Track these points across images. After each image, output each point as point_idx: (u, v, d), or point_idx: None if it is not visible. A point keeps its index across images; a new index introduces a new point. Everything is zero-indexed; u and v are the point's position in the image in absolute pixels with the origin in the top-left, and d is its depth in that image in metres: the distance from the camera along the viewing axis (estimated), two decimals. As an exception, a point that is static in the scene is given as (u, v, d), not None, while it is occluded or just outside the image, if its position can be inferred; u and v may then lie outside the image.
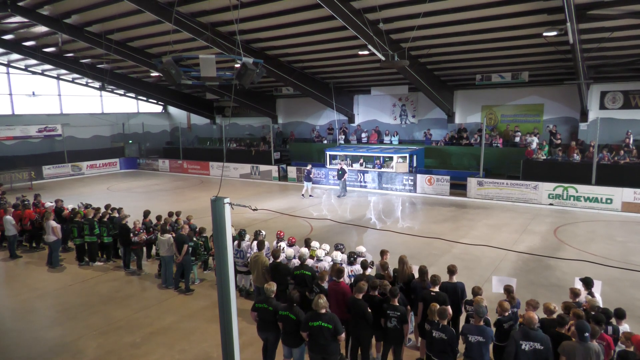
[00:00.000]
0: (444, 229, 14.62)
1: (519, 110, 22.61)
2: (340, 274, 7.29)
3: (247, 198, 19.98)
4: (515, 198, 18.43)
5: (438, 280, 6.94)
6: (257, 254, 8.97)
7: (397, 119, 26.29)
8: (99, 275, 11.54)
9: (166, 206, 16.49)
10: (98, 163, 30.79)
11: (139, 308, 9.66)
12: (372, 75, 23.80)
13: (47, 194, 21.70)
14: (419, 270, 7.44)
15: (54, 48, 24.00)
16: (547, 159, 19.33)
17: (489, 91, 22.93)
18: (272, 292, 6.74)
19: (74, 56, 25.43)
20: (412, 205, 18.74)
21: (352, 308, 6.75)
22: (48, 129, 29.30)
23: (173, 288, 10.50)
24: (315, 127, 29.25)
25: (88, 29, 20.08)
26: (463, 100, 23.97)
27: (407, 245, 12.62)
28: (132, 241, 11.45)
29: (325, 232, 14.31)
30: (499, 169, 20.97)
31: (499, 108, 23.09)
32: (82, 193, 22.56)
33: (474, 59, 19.44)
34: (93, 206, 13.74)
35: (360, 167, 22.73)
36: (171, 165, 30.68)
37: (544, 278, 10.51)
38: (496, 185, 18.89)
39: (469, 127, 23.60)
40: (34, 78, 29.22)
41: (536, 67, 19.85)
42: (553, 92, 21.52)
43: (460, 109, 24.09)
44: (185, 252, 10.16)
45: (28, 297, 10.34)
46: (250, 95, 28.97)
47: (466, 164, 22.26)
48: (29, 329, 8.81)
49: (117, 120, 33.96)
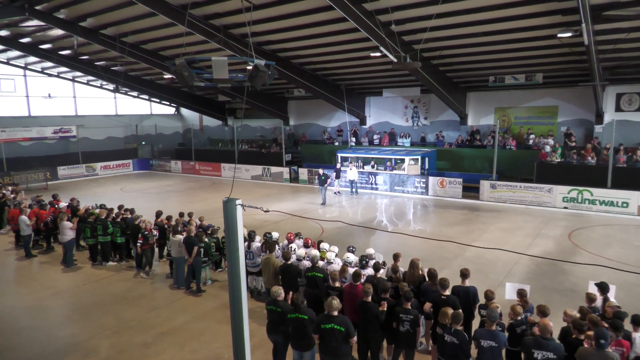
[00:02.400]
0: (456, 232, 14.53)
1: (532, 113, 22.39)
2: (358, 277, 7.27)
3: (258, 199, 20.05)
4: (528, 201, 18.23)
5: (447, 284, 6.88)
6: (267, 256, 8.98)
7: (409, 120, 26.19)
8: (111, 275, 11.66)
9: (178, 207, 16.61)
10: (112, 164, 31.16)
11: (150, 308, 9.74)
12: (383, 76, 23.74)
13: (61, 194, 21.94)
14: (428, 273, 7.39)
15: (70, 51, 24.36)
16: (562, 162, 19.10)
17: (502, 93, 22.74)
18: (279, 294, 6.75)
19: (89, 59, 25.79)
20: (424, 208, 18.65)
21: (361, 311, 6.72)
22: (63, 130, 29.71)
23: (184, 289, 10.56)
24: (326, 128, 29.26)
25: (103, 31, 20.36)
26: (476, 102, 23.81)
27: (419, 248, 12.56)
28: (142, 242, 11.47)
29: (337, 234, 14.31)
30: (512, 171, 20.77)
31: (513, 110, 22.89)
32: (96, 193, 22.85)
33: (487, 60, 19.29)
34: (107, 206, 13.89)
35: (372, 169, 22.68)
36: (183, 166, 30.91)
37: (558, 283, 10.37)
38: (509, 188, 18.72)
39: (482, 129, 23.42)
40: (50, 80, 29.67)
41: (550, 69, 19.63)
42: (568, 93, 21.26)
43: (473, 111, 23.93)
44: (195, 253, 10.22)
45: (42, 295, 10.49)
46: (262, 97, 29.09)
47: (479, 166, 22.09)
48: (43, 327, 8.94)
49: (130, 121, 34.35)
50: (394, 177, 21.57)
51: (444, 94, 21.51)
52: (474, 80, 22.48)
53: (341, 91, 25.26)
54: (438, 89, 20.94)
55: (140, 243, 11.40)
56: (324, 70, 23.56)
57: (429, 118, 25.51)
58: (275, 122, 31.72)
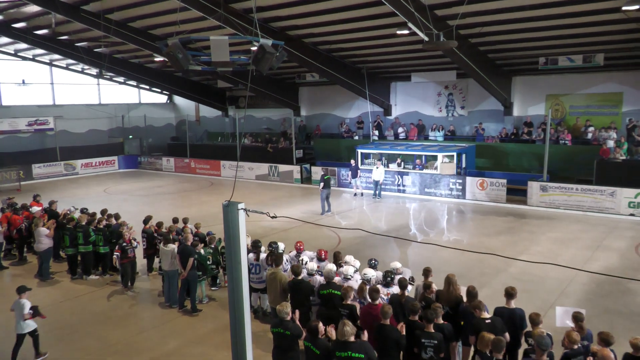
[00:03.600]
0: (499, 244, 14.42)
1: (592, 101, 22.10)
2: (376, 294, 7.24)
3: (264, 203, 20.12)
4: (586, 207, 18.01)
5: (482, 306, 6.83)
6: (273, 270, 8.99)
7: (443, 110, 26.02)
8: (93, 291, 11.80)
9: (171, 212, 16.76)
10: (94, 161, 31.60)
11: (139, 330, 9.83)
12: (412, 59, 23.63)
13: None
14: (467, 292, 7.32)
15: (47, 30, 24.78)
16: (627, 160, 18.80)
17: (554, 77, 22.49)
18: (287, 313, 6.77)
19: (69, 39, 26.20)
20: (460, 214, 18.51)
21: (379, 335, 6.70)
22: (39, 122, 30.25)
23: (177, 307, 10.65)
24: (344, 120, 29.24)
25: (85, 7, 20.65)
26: (523, 88, 23.57)
27: (454, 262, 12.47)
28: (120, 254, 11.42)
29: (355, 245, 14.28)
30: (566, 171, 20.55)
31: (567, 98, 22.61)
32: (76, 195, 23.20)
33: (537, 38, 19.08)
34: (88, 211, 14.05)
35: (398, 167, 22.59)
36: (177, 164, 31.22)
37: (622, 305, 10.20)
38: (563, 191, 18.51)
39: (531, 120, 23.20)
40: (24, 64, 30.21)
41: (614, 48, 19.33)
42: (634, 78, 20.92)
43: (520, 99, 23.69)
44: (190, 266, 10.29)
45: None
46: (269, 83, 29.21)
47: (526, 165, 21.89)
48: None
49: (115, 112, 34.80)
50: (425, 178, 21.47)
51: (485, 78, 21.33)
52: (521, 62, 22.25)
53: (362, 76, 25.22)
54: (477, 73, 20.78)
55: (117, 256, 11.40)
56: (342, 52, 23.55)
57: (466, 107, 25.33)
58: (284, 112, 31.82)
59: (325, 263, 9.31)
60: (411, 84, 26.54)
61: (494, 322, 6.69)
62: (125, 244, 11.50)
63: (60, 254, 14.00)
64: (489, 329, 6.51)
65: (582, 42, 19.19)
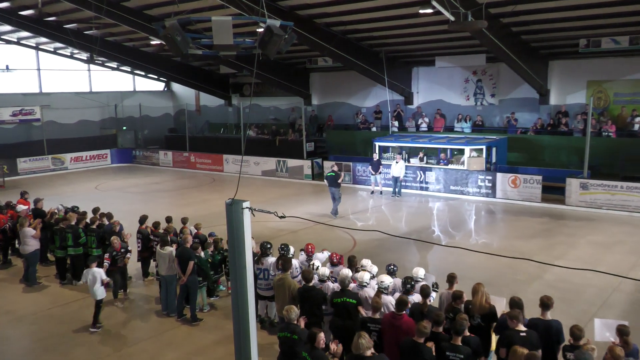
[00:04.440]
0: (533, 247, 14.35)
1: (639, 88, 21.85)
2: (403, 306, 7.24)
3: (271, 202, 20.18)
4: (633, 207, 17.85)
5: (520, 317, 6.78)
6: (281, 276, 9.02)
7: (471, 98, 25.88)
8: (84, 298, 11.86)
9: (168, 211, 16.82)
10: (84, 155, 31.87)
11: (134, 340, 9.91)
12: (436, 41, 23.52)
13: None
14: (512, 301, 7.23)
15: (33, 10, 24.97)
16: (679, 154, 18.62)
17: (597, 61, 22.27)
18: (294, 316, 6.80)
19: (57, 20, 26.38)
20: (489, 215, 18.46)
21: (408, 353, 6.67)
22: (24, 112, 30.52)
23: (175, 316, 10.71)
24: (360, 110, 29.20)
25: (74, -15, 20.80)
26: (561, 73, 23.38)
27: (483, 268, 12.44)
28: (109, 262, 11.39)
29: (373, 249, 14.26)
30: (610, 166, 20.41)
31: (612, 84, 22.41)
32: (65, 193, 23.40)
33: (578, 17, 18.89)
34: (79, 209, 14.17)
35: (421, 162, 22.53)
36: (175, 158, 31.39)
37: (672, 317, 10.08)
38: (607, 189, 18.36)
39: (570, 109, 23.01)
40: (8, 49, 30.48)
41: (664, 28, 19.10)
42: (688, 62, 20.70)
43: (558, 86, 23.50)
44: (190, 270, 10.34)
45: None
46: (277, 69, 29.21)
47: (565, 159, 21.75)
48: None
49: (108, 100, 35.04)
50: (450, 174, 21.39)
51: (519, 63, 21.16)
52: (560, 44, 22.06)
53: (380, 60, 25.13)
54: (510, 57, 20.62)
55: (107, 264, 11.41)
56: (358, 33, 23.49)
57: (497, 95, 25.17)
58: (293, 101, 31.81)
59: (339, 268, 9.31)
60: (435, 70, 26.39)
61: (529, 336, 6.65)
62: (116, 253, 11.45)
63: (48, 257, 14.14)
64: (523, 342, 6.48)
65: (628, 21, 18.95)
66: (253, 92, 33.11)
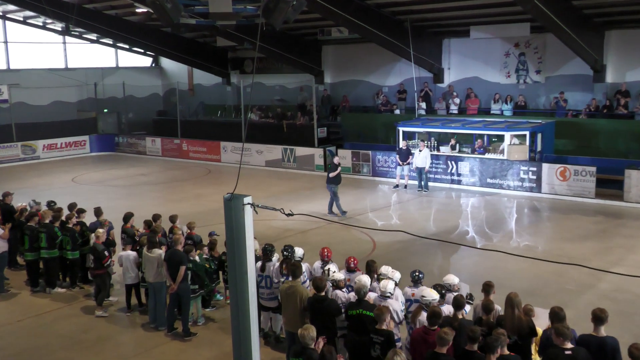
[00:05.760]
0: (586, 251, 14.30)
1: None
2: (436, 318, 7.28)
3: (277, 197, 20.26)
4: None
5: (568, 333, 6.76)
6: (290, 283, 9.03)
7: (512, 75, 25.73)
8: (60, 308, 11.99)
9: (156, 207, 16.92)
10: (59, 142, 32.04)
11: (117, 358, 9.98)
12: (472, 7, 23.41)
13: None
14: (552, 313, 7.22)
15: (-1, -27, 25.14)
16: None
17: (663, 31, 22.08)
18: (312, 339, 6.82)
19: (27, -15, 26.52)
20: (533, 213, 18.42)
21: None
22: (-11, 92, 30.73)
23: (165, 330, 10.78)
24: (381, 89, 29.12)
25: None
26: (620, 46, 23.18)
27: (525, 276, 12.44)
28: (95, 264, 11.56)
29: (395, 252, 14.28)
30: (678, 156, 20.25)
31: (680, 58, 22.22)
32: (37, 186, 23.58)
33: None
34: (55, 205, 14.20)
35: (452, 151, 22.48)
36: (164, 146, 31.54)
37: None
38: (673, 182, 18.24)
39: (631, 88, 22.79)
40: (-29, 18, 30.75)
41: None
42: None
43: (616, 61, 23.29)
44: (182, 276, 10.40)
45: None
46: (284, 41, 29.15)
47: (623, 148, 21.61)
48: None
49: (86, 79, 35.13)
50: (487, 164, 21.34)
51: (569, 33, 20.98)
52: (619, 11, 21.80)
53: (405, 31, 25.00)
54: (559, 26, 20.46)
55: (90, 266, 11.44)
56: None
57: (543, 72, 25.01)
58: (302, 79, 31.75)
59: (356, 274, 9.32)
60: (470, 42, 26.22)
61: (576, 354, 6.62)
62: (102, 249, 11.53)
63: (18, 260, 14.24)
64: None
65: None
66: (256, 69, 33.07)
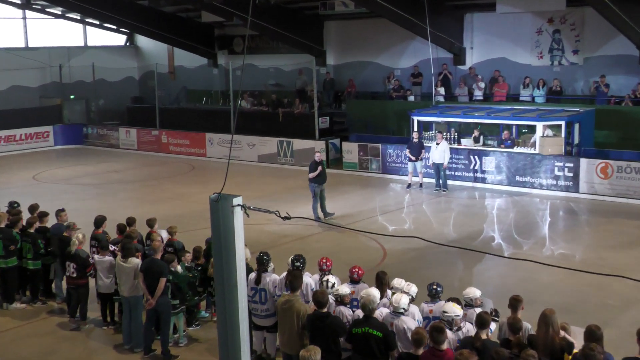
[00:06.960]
0: (631, 261, 14.25)
1: None
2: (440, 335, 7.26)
3: (271, 198, 20.24)
4: None
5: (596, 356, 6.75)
6: (287, 297, 9.04)
7: (545, 56, 25.72)
8: (19, 326, 11.99)
9: (131, 210, 16.92)
10: (18, 133, 32.02)
11: (86, 383, 10.01)
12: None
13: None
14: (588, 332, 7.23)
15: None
16: None
17: None
18: None
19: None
20: (570, 216, 18.44)
21: None
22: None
23: (142, 351, 10.76)
24: (393, 71, 29.12)
25: None
26: (670, 21, 23.16)
27: (560, 289, 12.45)
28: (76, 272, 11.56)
29: (409, 262, 14.28)
30: None
31: None
32: (-7, 185, 23.63)
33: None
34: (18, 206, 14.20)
35: (475, 144, 22.48)
36: (141, 138, 31.54)
37: None
38: None
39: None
40: None
41: None
42: None
43: (666, 39, 23.30)
44: (162, 290, 10.38)
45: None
46: (280, 17, 29.15)
47: (674, 140, 21.60)
48: None
49: (50, 59, 35.08)
50: (516, 160, 21.33)
51: (611, 7, 20.95)
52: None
53: (422, 4, 25.00)
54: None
55: (72, 275, 11.46)
56: (390, -34, 23.41)
57: (581, 52, 25.01)
58: (301, 60, 31.72)
59: (361, 286, 9.31)
60: (496, 17, 26.19)
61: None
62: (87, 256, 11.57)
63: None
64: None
65: None
66: (247, 48, 33.08)
